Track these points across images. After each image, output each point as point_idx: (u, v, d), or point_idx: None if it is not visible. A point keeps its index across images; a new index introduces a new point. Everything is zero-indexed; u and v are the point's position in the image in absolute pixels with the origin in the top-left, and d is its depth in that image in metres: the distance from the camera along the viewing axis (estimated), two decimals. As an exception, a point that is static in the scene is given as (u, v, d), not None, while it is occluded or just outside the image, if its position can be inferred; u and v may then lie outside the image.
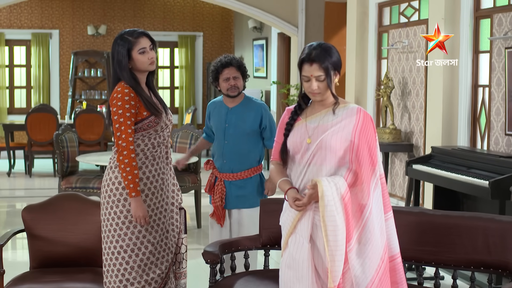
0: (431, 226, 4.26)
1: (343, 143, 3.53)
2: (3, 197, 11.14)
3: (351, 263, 3.48)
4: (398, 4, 9.02)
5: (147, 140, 4.24)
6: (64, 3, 15.09)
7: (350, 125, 3.55)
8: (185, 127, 9.00)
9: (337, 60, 3.60)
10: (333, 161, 3.56)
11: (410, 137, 8.66)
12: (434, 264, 4.26)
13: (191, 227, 8.74)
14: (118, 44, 4.21)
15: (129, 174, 4.10)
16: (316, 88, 3.57)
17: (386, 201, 3.62)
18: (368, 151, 3.53)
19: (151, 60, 4.23)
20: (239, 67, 5.45)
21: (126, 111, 4.13)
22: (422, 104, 8.33)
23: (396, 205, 7.97)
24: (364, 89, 9.69)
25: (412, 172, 7.21)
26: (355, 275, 3.49)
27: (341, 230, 3.46)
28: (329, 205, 3.45)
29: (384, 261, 3.53)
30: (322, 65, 3.55)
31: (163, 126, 4.29)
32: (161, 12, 15.60)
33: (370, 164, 3.53)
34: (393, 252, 3.64)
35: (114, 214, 4.21)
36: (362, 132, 3.53)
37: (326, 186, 3.47)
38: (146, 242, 4.23)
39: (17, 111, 15.07)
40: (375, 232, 3.51)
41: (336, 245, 3.45)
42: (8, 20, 14.93)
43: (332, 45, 3.68)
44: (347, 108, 3.60)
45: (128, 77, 4.20)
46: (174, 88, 15.97)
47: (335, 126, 3.58)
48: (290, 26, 11.34)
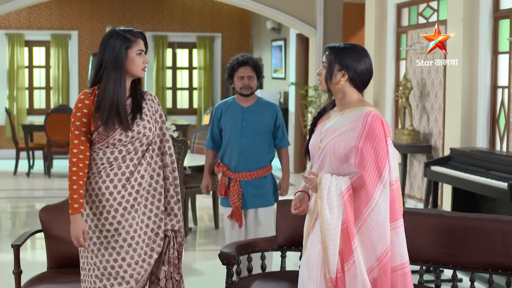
0: (449, 228, 4.23)
1: (346, 148, 3.52)
2: (23, 197, 11.20)
3: (357, 260, 3.46)
4: (416, 5, 8.98)
5: (101, 154, 3.79)
6: (83, 4, 15.15)
7: (357, 129, 3.52)
8: (203, 128, 9.02)
9: (350, 60, 3.59)
10: (335, 164, 3.57)
11: (429, 139, 8.62)
12: (451, 266, 4.24)
13: (209, 228, 8.75)
14: (114, 39, 3.77)
15: (69, 188, 3.74)
16: (318, 72, 3.69)
17: (396, 208, 3.53)
18: (374, 157, 3.47)
19: (145, 65, 3.83)
20: (254, 67, 5.49)
21: (77, 120, 3.74)
22: (441, 105, 8.29)
23: (414, 207, 7.94)
24: (383, 90, 9.66)
25: (431, 174, 7.17)
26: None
27: (333, 224, 3.45)
28: (323, 196, 3.48)
29: (376, 270, 3.48)
30: (329, 54, 3.63)
31: (122, 139, 3.78)
32: (179, 13, 15.62)
33: (376, 169, 3.47)
34: (398, 261, 3.53)
35: (89, 229, 3.84)
36: (368, 137, 3.48)
37: (326, 178, 3.51)
38: (113, 262, 3.76)
39: (36, 112, 15.14)
40: (369, 238, 3.47)
41: (328, 234, 3.45)
42: (27, 21, 15.01)
43: (363, 50, 3.65)
44: (357, 111, 3.58)
45: (117, 77, 3.74)
46: (192, 89, 15.98)
47: (341, 130, 3.57)
48: (309, 27, 11.32)
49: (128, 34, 3.80)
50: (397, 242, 3.53)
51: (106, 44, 3.77)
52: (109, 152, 3.77)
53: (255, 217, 5.52)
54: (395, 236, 3.52)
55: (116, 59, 3.74)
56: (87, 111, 3.74)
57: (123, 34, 3.79)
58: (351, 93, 3.64)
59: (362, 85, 3.65)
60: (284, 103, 13.68)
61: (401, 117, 8.81)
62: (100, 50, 3.80)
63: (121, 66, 3.74)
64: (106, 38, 3.80)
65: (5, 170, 13.44)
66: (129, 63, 3.77)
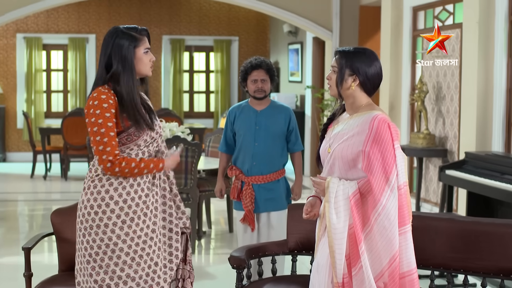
0: (461, 233, 4.20)
1: (354, 152, 3.51)
2: (39, 200, 11.25)
3: (364, 265, 3.42)
4: (432, 8, 8.94)
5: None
6: (101, 8, 15.21)
7: (363, 134, 3.51)
8: (218, 131, 9.01)
9: (361, 64, 3.57)
10: (344, 169, 3.56)
11: (445, 142, 8.57)
12: (463, 271, 4.20)
13: (224, 231, 8.75)
14: (120, 38, 3.60)
15: (142, 171, 3.60)
16: (328, 76, 3.66)
17: (405, 213, 3.49)
18: (381, 161, 3.46)
19: (152, 63, 3.72)
20: (268, 70, 5.48)
21: (108, 120, 3.54)
22: (457, 108, 8.24)
23: (426, 211, 7.90)
24: (399, 93, 9.62)
25: (445, 178, 7.13)
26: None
27: (340, 229, 3.44)
28: (330, 200, 3.47)
29: (386, 275, 3.45)
30: (339, 59, 3.60)
31: (147, 140, 3.69)
32: (196, 17, 15.64)
33: (383, 173, 3.44)
34: (406, 268, 3.49)
35: (87, 244, 3.63)
36: (375, 142, 3.47)
37: (334, 182, 3.50)
38: (125, 277, 3.60)
39: (54, 115, 15.22)
40: (377, 244, 3.44)
41: (335, 238, 3.43)
42: (45, 25, 15.09)
43: (372, 54, 3.64)
44: (365, 116, 3.56)
45: (129, 79, 3.60)
46: (209, 92, 16.00)
47: (349, 134, 3.56)
48: (325, 30, 11.29)
49: (133, 32, 3.65)
50: (404, 248, 3.49)
51: (111, 43, 3.62)
52: (133, 154, 3.64)
53: (268, 221, 5.51)
54: (403, 242, 3.48)
55: (125, 60, 3.60)
56: (114, 111, 3.57)
57: (129, 32, 3.64)
58: (361, 97, 3.63)
59: (372, 89, 3.64)
60: (300, 107, 13.66)
61: (416, 120, 8.77)
62: (104, 49, 3.63)
63: (132, 67, 3.61)
64: (111, 36, 3.64)
65: (22, 173, 13.51)
66: (138, 62, 3.65)
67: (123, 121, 3.59)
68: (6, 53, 15.00)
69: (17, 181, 12.68)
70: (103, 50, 3.64)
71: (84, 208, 3.63)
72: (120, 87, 3.59)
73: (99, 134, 3.52)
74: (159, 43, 15.54)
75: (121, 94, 3.59)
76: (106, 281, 3.60)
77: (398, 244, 3.44)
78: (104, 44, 3.66)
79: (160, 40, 15.54)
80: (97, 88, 3.61)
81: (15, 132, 15.11)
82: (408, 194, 3.55)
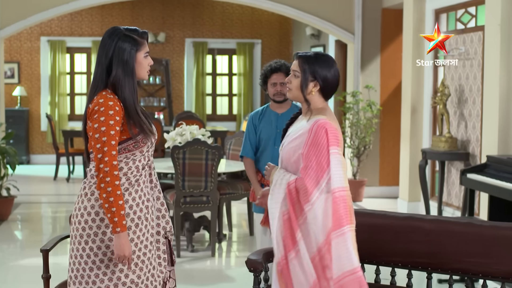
0: (479, 237, 4.17)
1: (295, 155, 3.68)
2: (62, 202, 11.32)
3: (302, 250, 3.58)
4: (455, 11, 8.89)
5: (131, 163, 3.58)
6: (124, 11, 15.28)
7: (304, 137, 3.65)
8: (238, 134, 9.00)
9: (323, 70, 3.69)
10: (291, 169, 3.72)
11: (467, 146, 8.52)
12: (482, 276, 4.17)
13: (245, 234, 8.75)
14: (122, 41, 3.53)
15: (113, 205, 3.40)
16: (287, 80, 3.78)
17: (340, 216, 3.54)
18: (315, 164, 3.57)
19: (149, 67, 3.67)
20: (288, 73, 5.47)
21: (111, 128, 3.46)
22: (479, 112, 8.19)
23: (451, 215, 7.84)
24: (421, 96, 9.57)
25: (467, 182, 7.08)
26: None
27: (273, 209, 3.65)
28: (271, 185, 3.70)
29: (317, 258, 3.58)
30: (301, 63, 3.71)
31: (149, 145, 3.64)
32: (219, 20, 15.67)
33: (315, 177, 3.56)
34: (348, 267, 3.52)
35: (90, 251, 3.54)
36: (312, 145, 3.59)
37: (279, 171, 3.73)
38: (129, 283, 3.56)
39: (77, 118, 15.31)
40: (310, 235, 3.56)
41: (271, 218, 3.66)
42: (69, 28, 15.19)
43: (331, 59, 3.76)
44: (310, 120, 3.69)
45: (129, 83, 3.54)
46: (232, 95, 16.02)
47: (293, 137, 3.73)
48: (347, 33, 11.26)
49: (135, 35, 3.58)
50: (345, 249, 3.53)
51: (112, 45, 3.54)
52: (137, 160, 3.59)
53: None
54: (341, 243, 3.53)
55: (127, 64, 3.53)
56: (119, 118, 3.49)
57: (130, 35, 3.56)
58: (317, 101, 3.76)
59: (330, 94, 3.78)
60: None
61: (438, 123, 8.73)
62: (105, 51, 3.55)
63: (133, 71, 3.55)
64: (112, 38, 3.55)
65: (45, 175, 13.61)
66: (137, 66, 3.58)
67: (131, 128, 3.55)
68: (30, 56, 15.12)
69: (41, 183, 12.77)
70: (103, 51, 3.55)
71: (88, 214, 3.55)
72: (122, 93, 3.54)
73: (100, 142, 3.45)
74: (182, 46, 15.59)
75: (124, 100, 3.54)
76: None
77: (321, 244, 3.54)
78: (104, 45, 3.56)
79: (183, 43, 15.58)
80: (101, 92, 3.54)
81: (39, 135, 15.22)
82: (347, 198, 3.59)
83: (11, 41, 14.92)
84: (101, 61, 3.56)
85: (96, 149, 3.46)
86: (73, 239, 3.60)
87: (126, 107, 3.54)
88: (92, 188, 3.55)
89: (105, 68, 3.55)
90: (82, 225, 3.55)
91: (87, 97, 3.63)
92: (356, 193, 10.81)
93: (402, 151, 9.90)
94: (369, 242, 4.26)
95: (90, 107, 3.55)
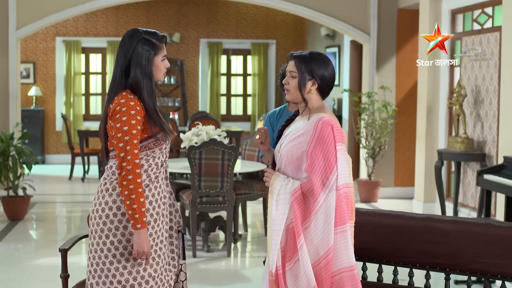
0: (498, 238, 4.15)
1: (298, 152, 3.65)
2: (77, 202, 11.35)
3: (302, 258, 3.54)
4: (471, 11, 8.86)
5: (151, 160, 3.68)
6: (139, 11, 15.31)
7: (308, 135, 3.64)
8: (254, 134, 9.00)
9: (320, 69, 3.70)
10: (291, 168, 3.70)
11: (483, 147, 8.48)
12: (500, 277, 4.15)
13: (260, 234, 8.75)
14: (142, 44, 3.64)
15: (135, 202, 3.53)
16: (285, 81, 3.77)
17: (344, 213, 3.58)
18: (323, 162, 3.57)
19: (165, 70, 3.76)
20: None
21: (133, 128, 3.58)
22: (495, 112, 8.16)
23: (464, 216, 7.81)
24: (437, 97, 9.54)
25: (483, 182, 7.05)
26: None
27: (278, 221, 3.59)
28: (274, 192, 3.63)
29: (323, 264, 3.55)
30: (298, 64, 3.71)
31: (167, 143, 3.77)
32: (234, 20, 15.68)
33: (324, 174, 3.56)
34: (346, 264, 3.58)
35: (111, 245, 3.65)
36: (318, 143, 3.59)
37: (280, 178, 3.68)
38: (147, 276, 3.66)
39: (92, 118, 15.35)
40: (313, 238, 3.55)
41: (273, 229, 3.59)
42: (84, 29, 15.23)
43: (326, 58, 3.77)
44: (312, 117, 3.69)
45: (148, 86, 3.66)
46: (246, 95, 16.03)
47: (295, 135, 3.71)
48: (362, 33, 11.24)
49: (154, 39, 3.68)
50: (344, 245, 3.58)
51: (131, 47, 3.65)
52: (157, 158, 3.71)
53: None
54: (342, 239, 3.58)
55: (145, 68, 3.64)
56: (140, 118, 3.60)
57: (149, 38, 3.67)
58: (315, 100, 3.76)
59: (327, 92, 3.79)
60: (337, 110, 13.62)
61: (454, 124, 8.70)
62: (123, 52, 3.66)
63: (151, 74, 3.66)
64: (131, 41, 3.66)
65: (61, 175, 13.65)
66: (154, 69, 3.69)
67: (151, 127, 3.66)
68: (46, 56, 15.18)
69: (56, 183, 12.81)
70: (122, 53, 3.66)
71: (109, 209, 3.66)
72: (141, 94, 3.65)
73: (122, 141, 3.56)
74: (197, 47, 15.61)
75: (144, 100, 3.65)
76: (130, 282, 3.65)
77: (332, 241, 3.54)
78: (123, 47, 3.67)
79: (197, 44, 15.60)
80: (121, 93, 3.65)
81: (54, 135, 15.27)
82: (350, 195, 3.64)
83: (26, 41, 14.99)
84: (120, 62, 3.67)
85: (119, 148, 3.58)
86: (93, 233, 3.70)
87: (146, 109, 3.65)
88: (113, 184, 3.65)
89: (123, 70, 3.66)
90: (103, 219, 3.66)
91: (106, 98, 3.72)
92: (371, 194, 10.80)
93: (417, 152, 9.88)
94: (387, 243, 4.25)
95: (111, 107, 3.64)
